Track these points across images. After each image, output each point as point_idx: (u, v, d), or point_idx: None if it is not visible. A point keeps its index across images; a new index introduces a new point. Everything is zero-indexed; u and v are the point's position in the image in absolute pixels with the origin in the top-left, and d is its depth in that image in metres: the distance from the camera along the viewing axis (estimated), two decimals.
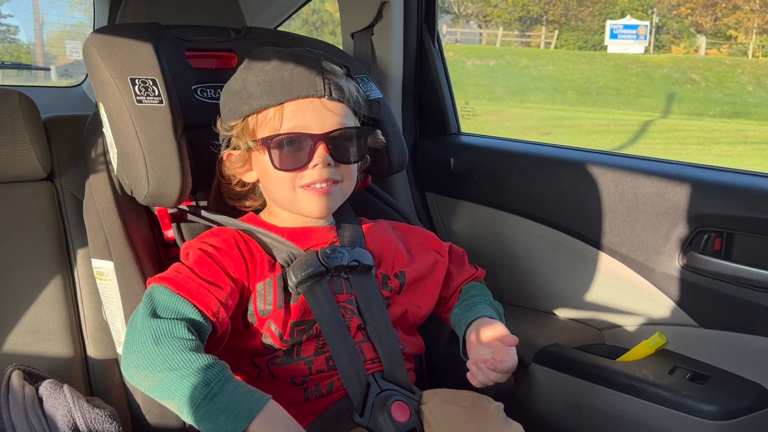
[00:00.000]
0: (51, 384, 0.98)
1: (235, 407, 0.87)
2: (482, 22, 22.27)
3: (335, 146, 1.05)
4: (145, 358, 0.91)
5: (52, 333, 1.14)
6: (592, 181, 1.33)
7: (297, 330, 1.03)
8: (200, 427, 0.88)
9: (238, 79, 1.08)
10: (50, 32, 11.04)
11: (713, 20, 20.98)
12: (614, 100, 14.86)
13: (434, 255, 1.22)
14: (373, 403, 1.02)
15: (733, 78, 15.90)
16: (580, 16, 21.97)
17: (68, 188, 1.24)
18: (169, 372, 0.89)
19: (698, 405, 1.14)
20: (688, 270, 1.21)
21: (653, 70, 16.31)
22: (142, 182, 1.05)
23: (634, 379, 1.21)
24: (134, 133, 1.04)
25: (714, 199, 1.18)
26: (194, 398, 0.87)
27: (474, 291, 1.22)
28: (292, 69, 1.03)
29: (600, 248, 1.34)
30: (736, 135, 11.86)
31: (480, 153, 1.59)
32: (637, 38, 18.36)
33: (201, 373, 0.88)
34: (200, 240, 1.07)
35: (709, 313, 1.21)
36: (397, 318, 1.13)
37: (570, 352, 1.33)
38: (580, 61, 17.18)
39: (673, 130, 12.24)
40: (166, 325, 0.92)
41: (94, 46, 1.09)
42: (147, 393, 0.93)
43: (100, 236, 1.10)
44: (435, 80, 1.65)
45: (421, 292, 1.18)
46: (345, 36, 1.67)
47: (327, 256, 1.08)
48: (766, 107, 14.61)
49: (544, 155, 1.47)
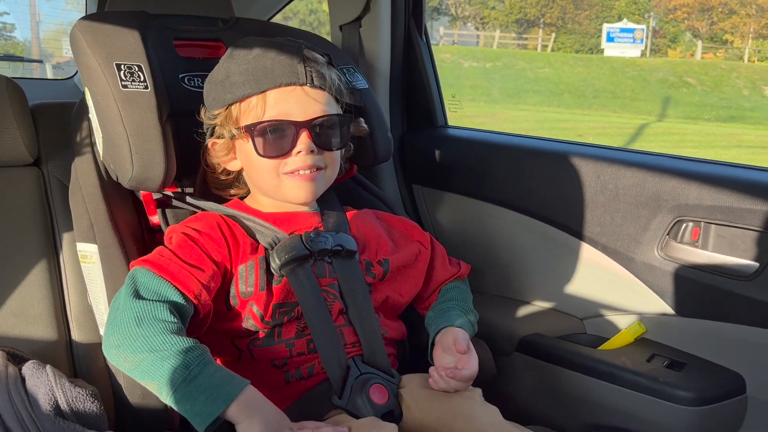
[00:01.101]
0: (34, 364, 0.99)
1: (214, 390, 0.88)
2: (479, 24, 22.31)
3: (318, 133, 1.06)
4: (126, 339, 0.92)
5: (37, 316, 1.15)
6: (575, 172, 1.35)
7: (279, 312, 1.04)
8: (179, 408, 0.89)
9: (221, 69, 1.09)
10: (47, 30, 11.03)
11: (709, 24, 21.26)
12: (610, 103, 15.00)
13: (417, 245, 1.23)
14: (352, 385, 1.03)
15: (729, 82, 16.10)
16: (576, 20, 22.09)
17: (55, 174, 1.24)
18: (150, 353, 0.90)
19: (675, 392, 1.16)
20: (666, 259, 1.23)
21: (649, 74, 16.50)
22: (126, 166, 1.06)
23: (613, 367, 1.23)
24: (119, 117, 1.05)
25: (692, 190, 1.19)
26: (174, 380, 0.89)
27: (451, 294, 1.22)
28: (273, 57, 1.04)
29: (582, 238, 1.35)
30: (730, 139, 11.98)
31: (466, 145, 1.60)
32: (634, 42, 18.56)
33: (181, 355, 0.90)
34: (184, 224, 1.08)
35: (686, 302, 1.22)
36: (379, 304, 1.14)
37: (551, 341, 1.35)
38: (576, 64, 17.39)
39: (668, 134, 12.37)
40: (148, 306, 0.94)
41: (81, 32, 1.10)
42: (127, 373, 0.95)
43: (85, 220, 1.11)
44: (422, 73, 1.67)
45: (404, 281, 1.19)
46: (333, 28, 1.68)
47: (311, 239, 1.09)
48: (762, 111, 14.80)
49: (529, 147, 1.49)
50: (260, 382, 1.05)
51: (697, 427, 1.16)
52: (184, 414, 0.89)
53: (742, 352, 1.16)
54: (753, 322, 1.13)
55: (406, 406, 1.04)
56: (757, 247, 1.13)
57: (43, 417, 0.91)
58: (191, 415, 0.88)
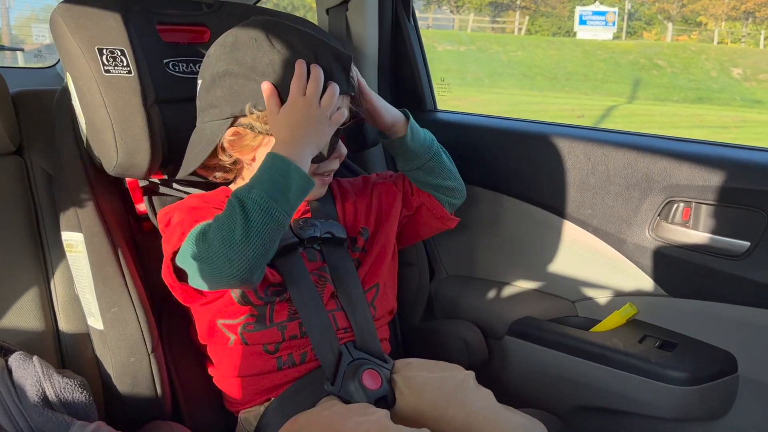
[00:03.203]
0: (20, 355, 0.97)
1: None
2: (454, 8, 22.28)
3: (348, 137, 1.08)
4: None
5: (23, 307, 1.13)
6: (565, 154, 1.34)
7: (271, 290, 1.04)
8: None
9: (257, 59, 0.98)
10: (18, 16, 10.76)
11: (680, 6, 21.55)
12: (582, 85, 15.21)
13: (386, 190, 1.22)
14: (345, 371, 1.03)
15: (698, 64, 16.35)
16: (550, 3, 22.14)
17: (38, 162, 1.22)
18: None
19: (666, 372, 1.16)
20: (657, 240, 1.23)
21: (620, 56, 16.68)
22: (110, 152, 1.04)
23: (605, 349, 1.23)
24: (102, 103, 1.03)
25: (683, 170, 1.19)
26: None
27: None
28: (331, 63, 0.99)
29: (572, 221, 1.35)
30: (694, 120, 12.22)
31: (456, 129, 1.59)
32: (606, 24, 18.71)
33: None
34: (179, 203, 1.07)
35: (677, 282, 1.22)
36: (371, 270, 1.15)
37: (543, 323, 1.35)
38: (549, 47, 17.56)
39: (635, 115, 12.56)
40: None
41: (61, 16, 1.07)
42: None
43: (70, 209, 1.09)
44: (410, 57, 1.65)
45: (385, 233, 1.19)
46: (320, 12, 1.65)
47: (300, 227, 1.08)
48: (729, 93, 15.07)
49: (519, 130, 1.48)
50: (252, 369, 1.05)
51: (690, 406, 1.16)
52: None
53: (733, 332, 1.17)
54: (744, 301, 1.13)
55: (399, 392, 1.03)
56: (748, 227, 1.13)
57: (31, 408, 0.90)
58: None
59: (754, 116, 13.01)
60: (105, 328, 1.02)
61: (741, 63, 16.35)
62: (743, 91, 15.33)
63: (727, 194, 1.14)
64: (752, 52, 18.15)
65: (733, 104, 14.27)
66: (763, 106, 14.31)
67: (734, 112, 13.37)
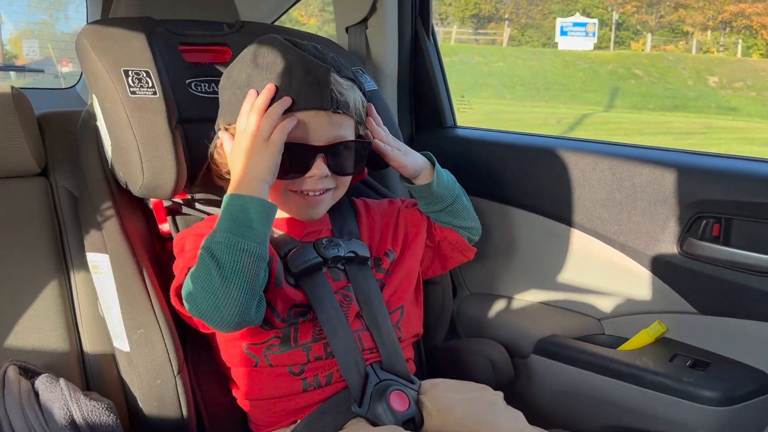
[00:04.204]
0: (47, 378, 0.97)
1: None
2: (438, 20, 22.78)
3: (335, 158, 1.02)
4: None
5: (48, 328, 1.13)
6: (590, 170, 1.33)
7: (295, 311, 1.03)
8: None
9: (242, 72, 1.02)
10: (13, 30, 10.84)
11: (658, 17, 22.03)
12: (561, 95, 15.57)
13: (412, 217, 1.21)
14: (372, 393, 1.01)
15: (675, 73, 16.72)
16: (530, 14, 22.69)
17: (62, 183, 1.22)
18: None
19: (699, 392, 1.13)
20: (686, 257, 1.21)
21: (600, 66, 17.08)
22: (136, 173, 1.04)
23: (634, 368, 1.21)
24: (128, 124, 1.03)
25: (711, 185, 1.17)
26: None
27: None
28: (301, 78, 0.98)
29: (598, 237, 1.33)
30: (661, 126, 12.61)
31: (477, 145, 1.58)
32: (586, 35, 19.08)
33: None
34: (194, 228, 1.06)
35: (708, 300, 1.20)
36: (395, 293, 1.13)
37: (569, 342, 1.33)
38: (530, 58, 17.95)
39: (606, 123, 12.92)
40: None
41: (87, 39, 1.08)
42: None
43: (95, 230, 1.09)
44: (430, 74, 1.65)
45: (410, 258, 1.18)
46: (339, 30, 1.66)
47: (323, 247, 1.07)
48: (704, 100, 15.39)
49: (541, 146, 1.47)
50: (277, 391, 1.04)
51: (724, 427, 1.14)
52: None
53: (767, 350, 1.14)
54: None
55: (427, 413, 1.02)
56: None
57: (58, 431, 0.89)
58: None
59: (726, 123, 13.30)
60: (131, 350, 1.02)
61: (717, 71, 16.67)
62: (718, 98, 15.65)
63: (759, 209, 1.12)
64: (729, 61, 18.49)
65: (708, 112, 14.57)
66: (737, 113, 14.62)
67: (707, 119, 13.66)
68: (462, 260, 1.26)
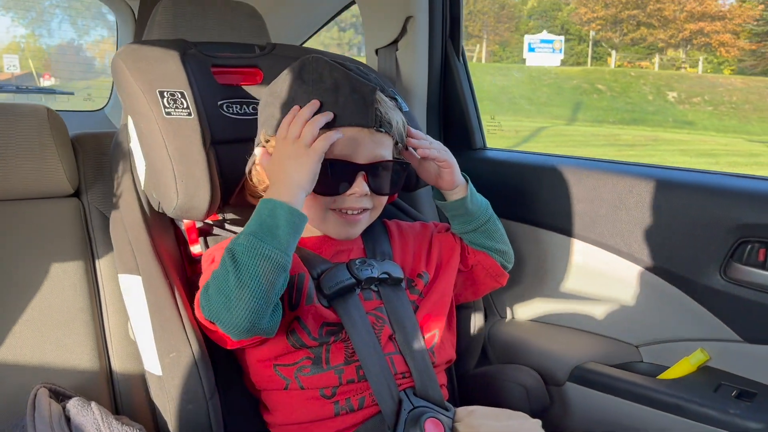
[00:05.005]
0: (78, 402, 0.96)
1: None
2: None
3: (375, 178, 1.03)
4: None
5: (78, 349, 1.12)
6: (626, 193, 1.30)
7: (326, 329, 1.01)
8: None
9: (285, 88, 1.03)
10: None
11: (621, 35, 22.97)
12: (525, 108, 16.21)
13: (445, 240, 1.20)
14: (406, 420, 0.99)
15: (636, 88, 17.44)
16: (497, 32, 23.72)
17: (95, 204, 1.23)
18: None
19: (746, 423, 1.09)
20: (730, 282, 1.17)
21: (564, 81, 17.79)
22: (171, 194, 1.03)
23: (677, 398, 1.17)
24: (163, 145, 1.03)
25: (756, 209, 1.14)
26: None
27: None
28: (347, 95, 0.99)
29: (635, 261, 1.30)
30: (608, 138, 13.16)
31: (507, 168, 1.56)
32: (553, 52, 19.84)
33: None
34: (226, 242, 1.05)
35: (754, 327, 1.16)
36: (428, 316, 1.11)
37: (607, 369, 1.29)
38: (497, 73, 18.64)
39: (558, 135, 13.49)
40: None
41: (123, 61, 1.09)
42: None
43: (127, 251, 1.09)
44: (460, 95, 1.64)
45: (444, 281, 1.16)
46: (369, 52, 1.66)
47: (357, 267, 1.06)
48: (662, 115, 16.13)
49: (574, 168, 1.44)
50: (309, 414, 1.01)
51: None
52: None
53: None
54: None
55: None
56: None
57: None
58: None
59: (673, 136, 13.80)
60: (163, 373, 1.00)
61: (677, 87, 17.26)
62: (676, 113, 16.26)
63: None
64: (688, 77, 19.14)
65: (665, 125, 15.11)
66: (693, 126, 15.19)
67: (662, 132, 14.19)
68: (494, 286, 1.23)
